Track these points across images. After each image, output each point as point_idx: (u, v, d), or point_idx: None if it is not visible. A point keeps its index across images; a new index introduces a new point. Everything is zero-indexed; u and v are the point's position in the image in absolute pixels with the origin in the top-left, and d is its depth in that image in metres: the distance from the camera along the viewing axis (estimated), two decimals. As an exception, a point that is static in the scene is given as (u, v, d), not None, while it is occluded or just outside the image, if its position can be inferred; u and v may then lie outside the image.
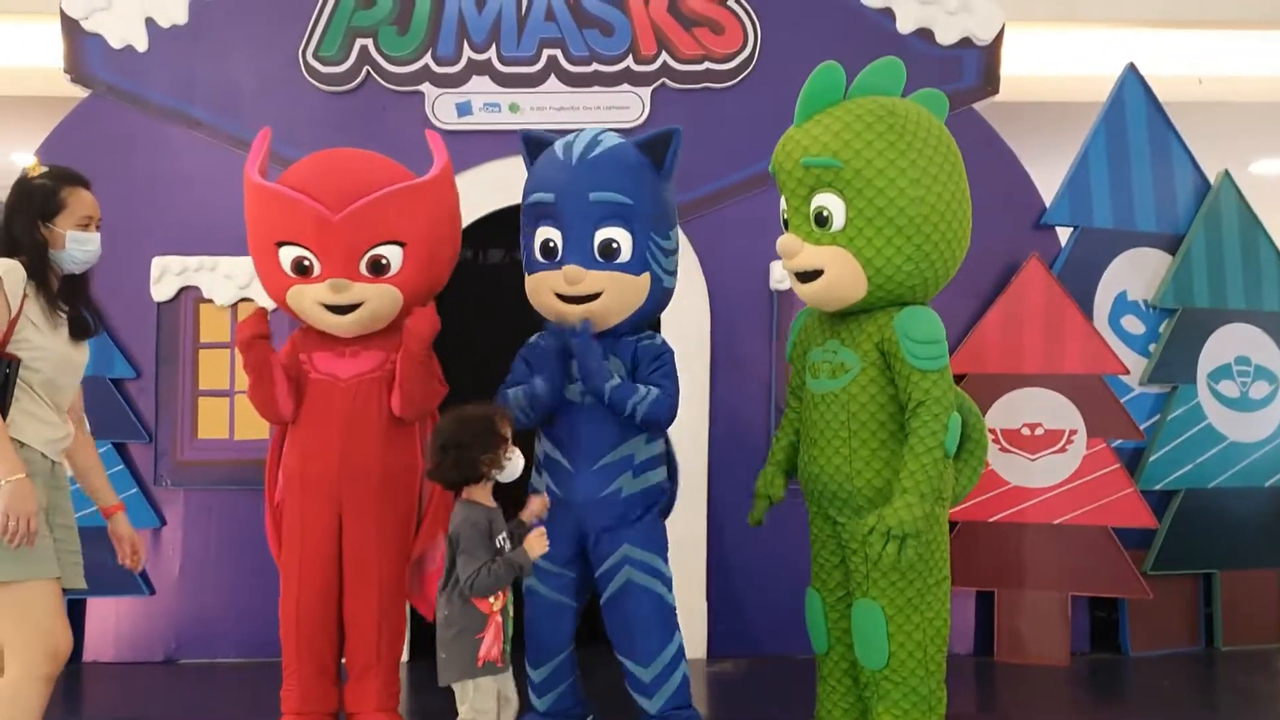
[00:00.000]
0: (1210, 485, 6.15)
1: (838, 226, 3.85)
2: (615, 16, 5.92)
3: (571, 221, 4.19)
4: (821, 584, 4.20)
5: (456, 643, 3.54)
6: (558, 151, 4.28)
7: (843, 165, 3.79)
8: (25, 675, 3.21)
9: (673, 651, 4.27)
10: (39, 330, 3.36)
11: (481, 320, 6.15)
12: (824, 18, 5.98)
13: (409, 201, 4.28)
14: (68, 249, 3.42)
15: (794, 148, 3.91)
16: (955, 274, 4.08)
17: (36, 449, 3.33)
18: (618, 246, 4.17)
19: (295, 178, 4.28)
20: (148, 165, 5.95)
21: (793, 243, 3.92)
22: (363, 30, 5.92)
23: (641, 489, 4.29)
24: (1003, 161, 6.07)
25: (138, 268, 5.83)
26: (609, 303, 4.19)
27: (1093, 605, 6.10)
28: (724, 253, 5.85)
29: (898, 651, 3.92)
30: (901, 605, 3.92)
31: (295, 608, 4.26)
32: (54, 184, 3.45)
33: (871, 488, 3.92)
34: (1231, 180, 6.33)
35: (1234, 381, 6.24)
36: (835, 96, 3.94)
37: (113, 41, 5.92)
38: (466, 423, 3.62)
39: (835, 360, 3.99)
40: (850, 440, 3.94)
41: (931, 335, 3.83)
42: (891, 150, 3.80)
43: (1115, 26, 7.14)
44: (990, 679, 5.66)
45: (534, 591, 4.36)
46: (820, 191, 3.86)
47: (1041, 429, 5.88)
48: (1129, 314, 6.20)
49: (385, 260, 4.23)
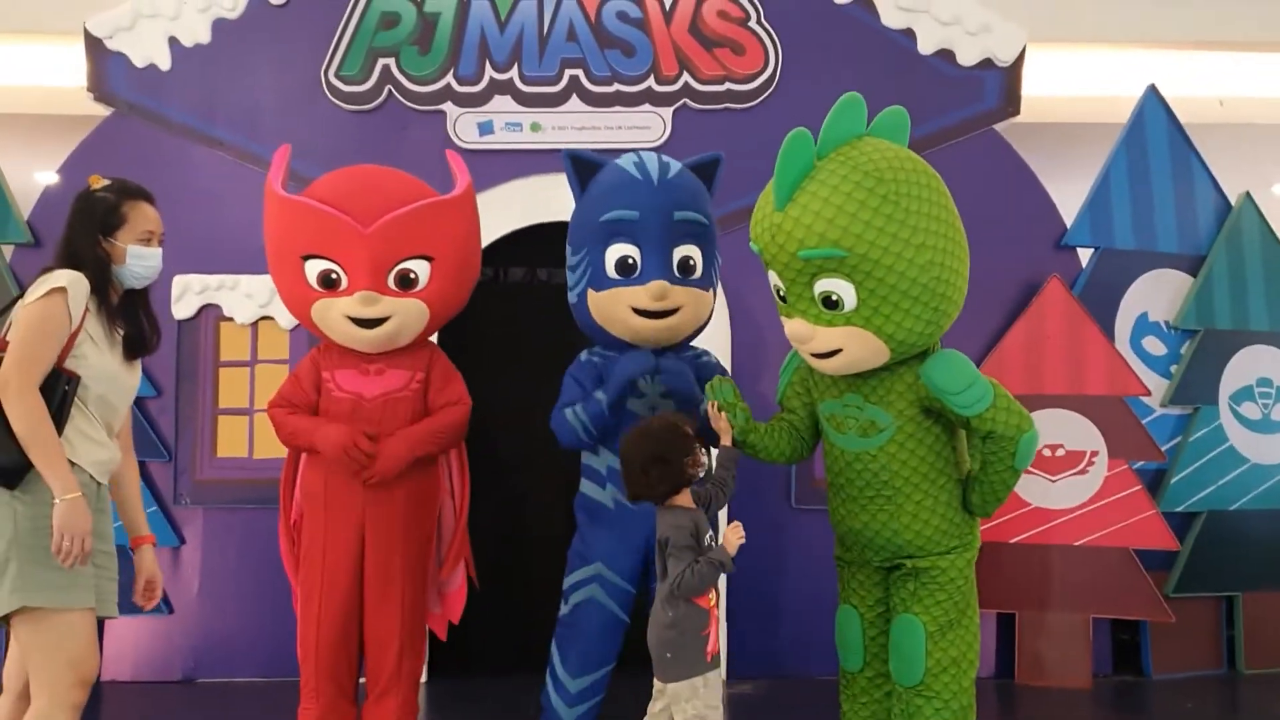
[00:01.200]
0: (1232, 507, 6.11)
1: (850, 307, 3.71)
2: (637, 37, 5.94)
3: (654, 238, 4.26)
4: (860, 600, 4.16)
5: (683, 640, 3.57)
6: (632, 171, 4.34)
7: (846, 254, 3.59)
8: (53, 704, 3.16)
9: None
10: (96, 347, 3.32)
11: (502, 339, 6.16)
12: (845, 39, 6.00)
13: (438, 216, 4.29)
14: (128, 264, 3.38)
15: (785, 239, 3.67)
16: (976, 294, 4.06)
17: (86, 470, 3.29)
18: (694, 263, 4.33)
19: (322, 191, 4.27)
20: (170, 184, 5.88)
21: (804, 329, 3.80)
22: (385, 50, 5.94)
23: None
24: (1023, 182, 6.07)
25: (159, 286, 5.69)
26: (687, 317, 4.32)
27: (1115, 627, 6.06)
28: (743, 274, 5.83)
29: (933, 668, 3.92)
30: (943, 624, 3.92)
31: (316, 627, 4.24)
32: (116, 198, 3.41)
33: (922, 538, 3.92)
34: (1253, 202, 6.32)
35: (1256, 403, 6.21)
36: (808, 164, 3.66)
37: (136, 61, 5.96)
38: (658, 437, 3.65)
39: (862, 417, 3.91)
40: (895, 498, 3.91)
41: (966, 382, 3.77)
42: (890, 225, 3.60)
43: (1136, 48, 7.15)
44: (1011, 701, 5.63)
45: (592, 600, 4.37)
46: (824, 277, 3.68)
47: (1063, 450, 5.85)
48: (1150, 335, 6.18)
49: (414, 274, 4.23)
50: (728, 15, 5.96)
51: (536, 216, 5.81)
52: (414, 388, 4.31)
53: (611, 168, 4.43)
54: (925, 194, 3.70)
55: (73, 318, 3.24)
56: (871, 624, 4.14)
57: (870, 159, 3.66)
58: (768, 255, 3.82)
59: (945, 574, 3.94)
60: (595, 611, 4.37)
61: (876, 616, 4.13)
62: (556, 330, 4.77)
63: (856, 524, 4.01)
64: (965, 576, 3.96)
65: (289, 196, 4.26)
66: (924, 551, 3.93)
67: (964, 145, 5.94)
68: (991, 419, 3.77)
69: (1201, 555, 6.03)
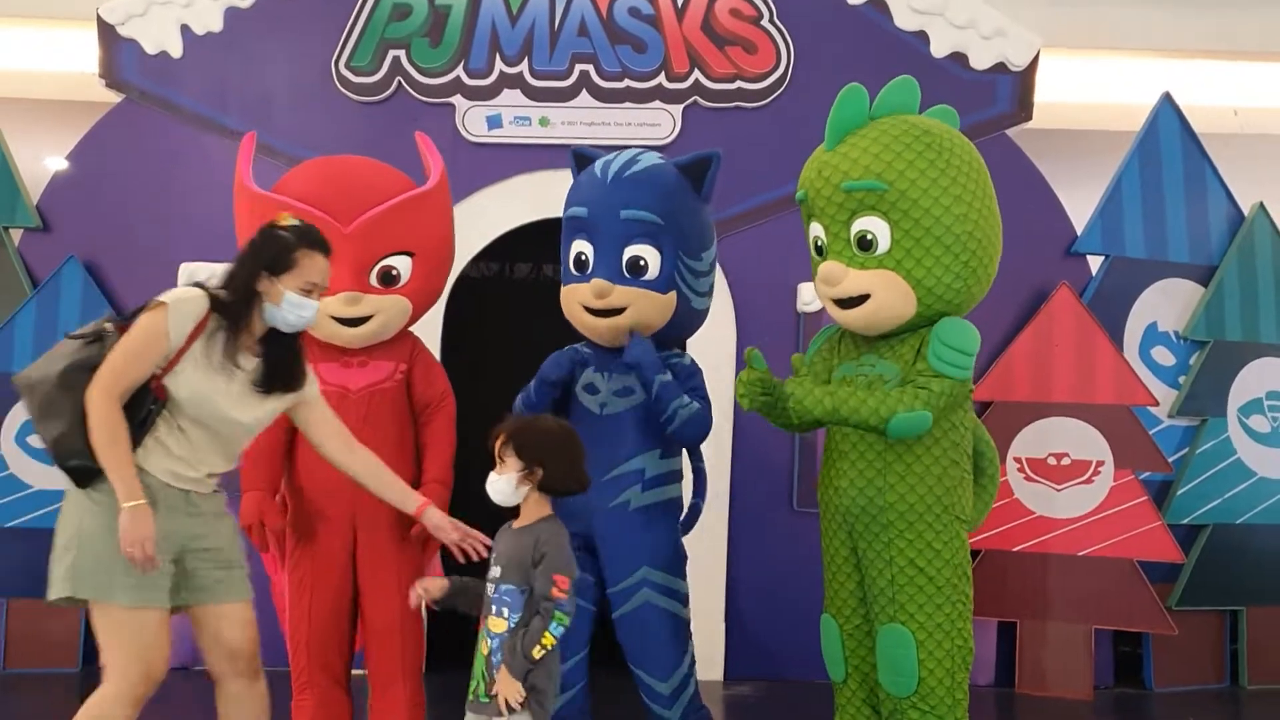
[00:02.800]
0: (1238, 521, 6.07)
1: (883, 249, 3.80)
2: (648, 33, 5.92)
3: (603, 237, 4.23)
4: (837, 610, 4.12)
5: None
6: (596, 168, 4.33)
7: (887, 187, 3.74)
8: (118, 693, 3.22)
9: (688, 663, 4.32)
10: (198, 370, 3.27)
11: (508, 333, 6.14)
12: (857, 40, 5.98)
13: (417, 211, 4.28)
14: (282, 308, 3.33)
15: (831, 172, 3.83)
16: (984, 299, 4.04)
17: (158, 477, 3.27)
18: (645, 264, 4.21)
19: (297, 187, 4.22)
20: (178, 171, 5.98)
21: (836, 269, 3.85)
22: (395, 41, 5.94)
23: (653, 502, 4.28)
24: (1035, 188, 6.05)
25: (165, 273, 5.83)
26: (633, 317, 4.22)
27: (1117, 639, 6.02)
28: (751, 274, 5.83)
29: (927, 678, 3.83)
30: (931, 630, 3.84)
31: (306, 621, 4.18)
32: (294, 241, 3.38)
33: (904, 503, 3.85)
34: (1266, 213, 6.27)
35: (1265, 416, 6.17)
36: (863, 119, 3.88)
37: (148, 47, 5.97)
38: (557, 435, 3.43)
39: (872, 373, 3.90)
40: (885, 454, 3.87)
41: (962, 345, 3.77)
42: (932, 169, 3.77)
43: (1151, 55, 7.12)
44: (1011, 711, 5.60)
45: None
46: (862, 215, 3.80)
47: (1068, 459, 5.82)
48: (1159, 345, 6.14)
49: (395, 271, 4.22)
50: (740, 13, 5.94)
51: (543, 211, 5.79)
52: (397, 379, 4.29)
53: (591, 164, 4.41)
54: (968, 158, 3.90)
55: (172, 336, 3.23)
56: (850, 635, 4.09)
57: (922, 120, 3.90)
58: (812, 193, 3.91)
59: (931, 580, 3.86)
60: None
61: (855, 628, 4.07)
62: (561, 325, 4.74)
63: (843, 482, 3.95)
64: (949, 580, 3.86)
65: (265, 194, 4.20)
66: (905, 520, 3.85)
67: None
68: (936, 383, 3.70)
69: (1206, 568, 5.98)
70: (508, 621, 3.21)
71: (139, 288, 5.84)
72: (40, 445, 3.31)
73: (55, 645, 5.74)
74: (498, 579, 3.29)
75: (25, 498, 5.76)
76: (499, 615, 3.23)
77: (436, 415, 4.33)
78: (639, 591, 4.23)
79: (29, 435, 5.72)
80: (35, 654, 5.72)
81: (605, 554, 4.27)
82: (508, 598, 3.24)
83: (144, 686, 3.24)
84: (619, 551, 4.25)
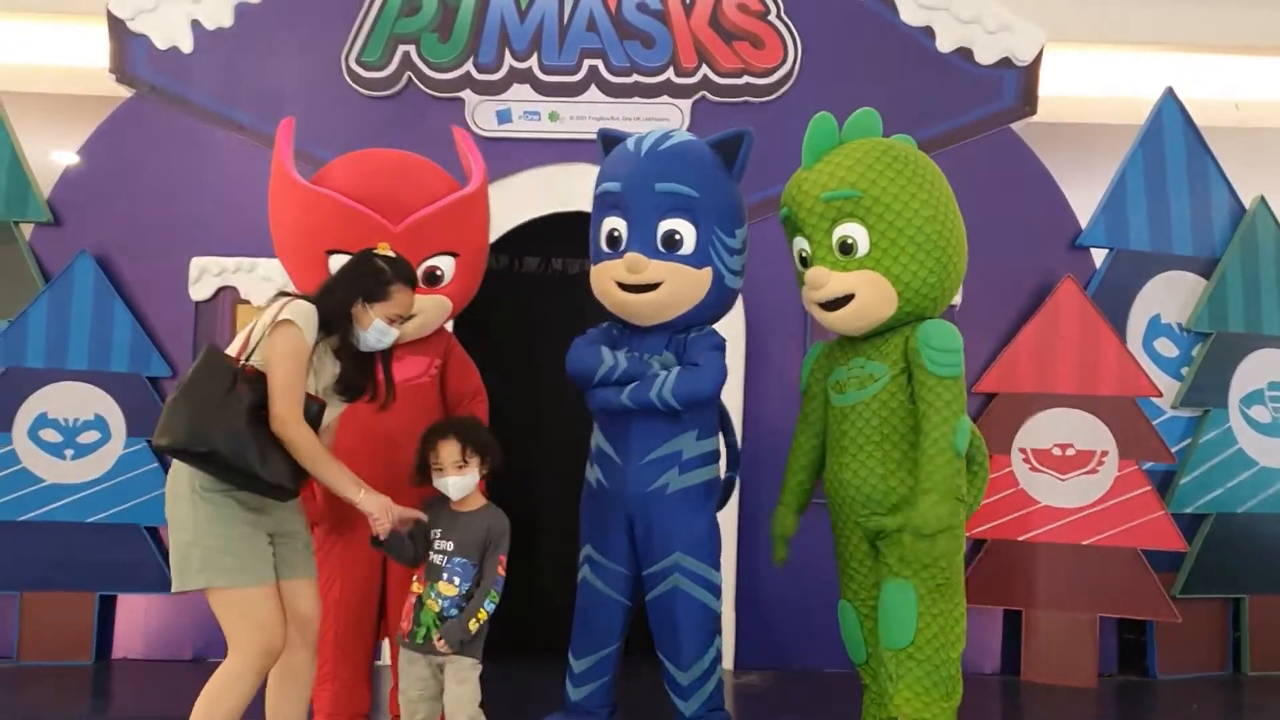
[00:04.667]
0: (1241, 510, 6.13)
1: (863, 251, 4.02)
2: (657, 28, 5.96)
3: (637, 211, 4.21)
4: (854, 595, 4.24)
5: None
6: (629, 145, 4.32)
7: (861, 195, 3.97)
8: (243, 666, 3.47)
9: (712, 656, 4.32)
10: (314, 377, 3.59)
11: (518, 328, 6.18)
12: (864, 35, 6.02)
13: (462, 212, 4.30)
14: (368, 331, 3.64)
15: (811, 186, 4.07)
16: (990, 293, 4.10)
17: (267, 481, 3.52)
18: (680, 238, 4.20)
19: (343, 182, 4.21)
20: (189, 166, 6.01)
21: (822, 274, 4.06)
22: (405, 36, 5.97)
23: (691, 485, 4.29)
24: (1039, 182, 6.08)
25: (177, 267, 5.88)
26: (669, 293, 4.21)
27: (1121, 627, 6.08)
28: (759, 267, 5.84)
29: (924, 630, 3.97)
30: (931, 588, 3.98)
31: (333, 613, 4.19)
32: (390, 275, 3.67)
33: (905, 487, 4.00)
34: (1267, 206, 6.33)
35: (1266, 407, 6.22)
36: (834, 140, 4.13)
37: (158, 42, 5.99)
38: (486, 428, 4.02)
39: (863, 373, 4.11)
40: (883, 444, 4.04)
41: (948, 344, 3.96)
42: (900, 178, 4.02)
43: (1154, 50, 7.16)
44: (1016, 698, 5.65)
45: (585, 581, 4.41)
46: (842, 222, 4.03)
47: (1073, 449, 5.87)
48: (1162, 337, 6.19)
49: (440, 271, 4.24)
50: (748, 9, 5.97)
51: (552, 206, 5.84)
52: (432, 374, 4.33)
53: (623, 142, 4.41)
54: (931, 169, 4.14)
55: (310, 348, 3.53)
56: (868, 617, 4.19)
57: (887, 141, 4.16)
58: (795, 208, 4.13)
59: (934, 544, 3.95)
60: (588, 593, 4.41)
61: (871, 609, 4.17)
62: (570, 319, 4.78)
63: (848, 474, 4.10)
64: (952, 554, 4.01)
65: (312, 188, 4.18)
66: (909, 502, 3.97)
67: (980, 144, 5.96)
68: (943, 389, 3.92)
69: (1209, 557, 6.04)
70: (458, 589, 3.80)
71: (150, 282, 5.92)
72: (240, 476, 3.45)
73: (69, 638, 5.76)
74: (450, 553, 3.83)
75: (38, 491, 5.78)
76: (450, 582, 3.81)
77: (472, 409, 4.38)
78: (670, 576, 4.25)
79: (41, 429, 5.77)
80: (49, 647, 5.74)
81: (641, 537, 4.28)
82: (460, 569, 3.81)
83: (265, 660, 3.50)
84: (655, 535, 4.26)
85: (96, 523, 5.79)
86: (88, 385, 5.83)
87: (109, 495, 5.81)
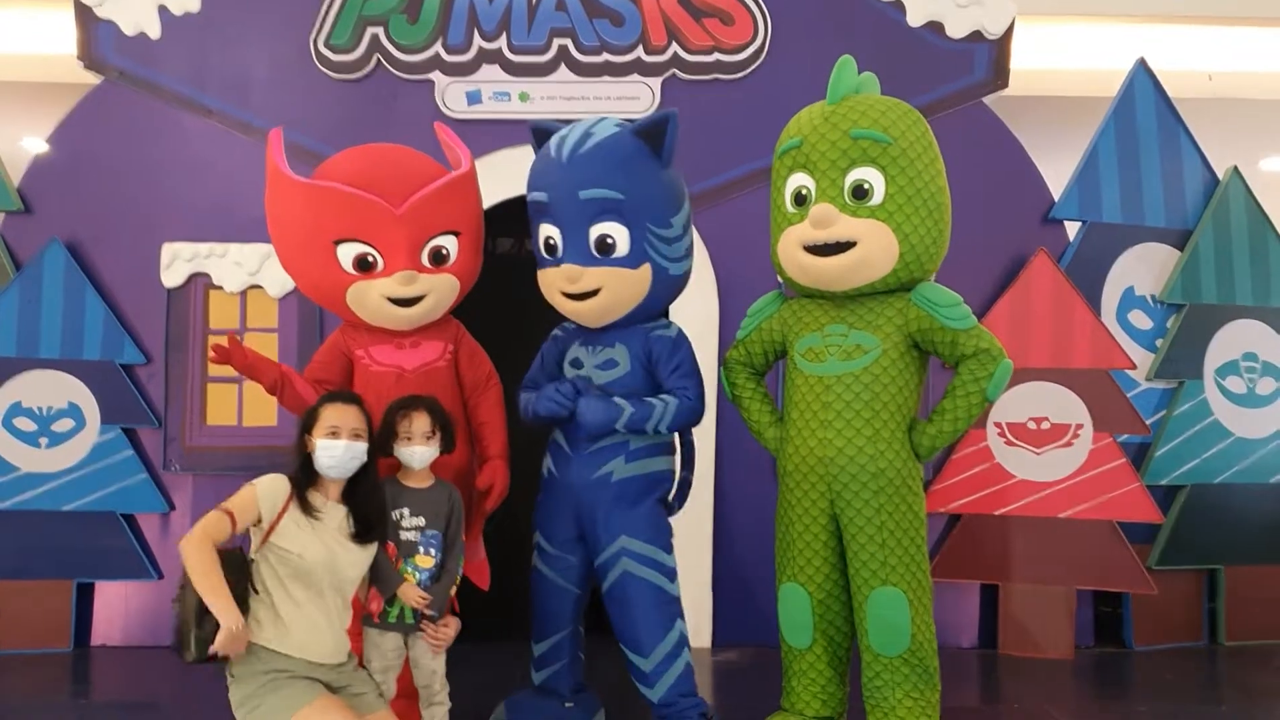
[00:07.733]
0: (1216, 481, 6.15)
1: (877, 200, 3.96)
2: (626, 7, 5.94)
3: (567, 220, 4.17)
4: (808, 578, 4.19)
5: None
6: (551, 148, 4.23)
7: (892, 142, 3.94)
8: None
9: (674, 641, 4.26)
10: (299, 528, 3.58)
11: (492, 309, 6.16)
12: (835, 10, 6.01)
13: (460, 190, 4.32)
14: (316, 454, 3.65)
15: (839, 119, 3.99)
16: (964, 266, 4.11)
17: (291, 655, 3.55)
18: (613, 242, 4.13)
19: (342, 173, 4.20)
20: (159, 151, 5.98)
21: (831, 211, 3.95)
22: (374, 19, 5.94)
23: (636, 475, 4.27)
24: (1011, 155, 6.08)
25: (148, 254, 5.86)
26: (609, 298, 4.19)
27: (1097, 599, 6.11)
28: (733, 245, 5.85)
29: (917, 634, 4.01)
30: (915, 588, 4.00)
31: None
32: (319, 404, 3.77)
33: (893, 469, 4.00)
34: (1240, 177, 6.33)
35: (1241, 377, 6.24)
36: (855, 87, 4.11)
37: (126, 28, 5.96)
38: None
39: (846, 343, 4.04)
40: (873, 420, 4.00)
41: (952, 299, 4.00)
42: (925, 136, 4.05)
43: (1126, 21, 7.14)
44: (994, 671, 5.67)
45: (538, 570, 4.44)
46: (860, 165, 3.96)
47: (1048, 423, 5.89)
48: (1136, 309, 6.21)
49: (445, 250, 4.26)
50: (717, -15, 5.95)
51: (524, 187, 5.78)
52: (447, 358, 4.39)
53: (548, 143, 4.31)
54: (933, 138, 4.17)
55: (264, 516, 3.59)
56: (820, 602, 4.18)
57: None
58: (813, 138, 4.03)
59: (913, 540, 4.02)
60: (538, 579, 4.45)
61: (825, 594, 4.17)
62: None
63: (830, 450, 4.04)
64: (919, 537, 4.08)
65: (315, 183, 4.18)
66: (894, 485, 4.00)
67: (952, 118, 5.94)
68: (979, 334, 3.96)
69: (1184, 528, 6.08)
70: (435, 559, 3.93)
71: (122, 269, 5.90)
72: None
73: (47, 625, 5.78)
74: (423, 527, 3.94)
75: (14, 480, 5.78)
76: (427, 554, 3.93)
77: (487, 394, 4.47)
78: (619, 562, 4.23)
79: (15, 418, 5.76)
80: (27, 634, 5.75)
81: (588, 527, 4.29)
82: (434, 541, 3.94)
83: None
84: (599, 524, 4.26)
85: (73, 510, 5.79)
86: (61, 373, 5.82)
87: (84, 483, 5.82)
